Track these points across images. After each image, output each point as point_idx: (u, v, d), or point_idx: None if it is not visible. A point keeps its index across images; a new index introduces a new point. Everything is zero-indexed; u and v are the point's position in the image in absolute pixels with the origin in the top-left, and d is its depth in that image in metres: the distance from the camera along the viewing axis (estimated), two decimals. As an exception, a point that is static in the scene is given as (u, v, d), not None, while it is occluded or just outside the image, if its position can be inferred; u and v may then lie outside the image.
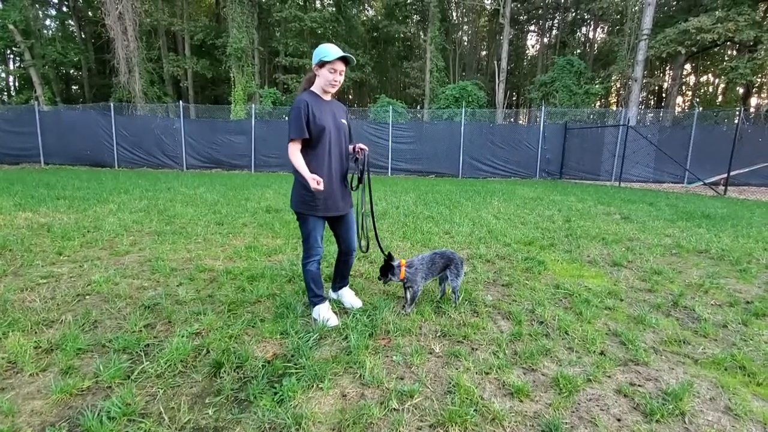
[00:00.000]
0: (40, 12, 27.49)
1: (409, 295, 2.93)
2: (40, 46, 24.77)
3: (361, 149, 2.71)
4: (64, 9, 28.82)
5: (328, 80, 2.50)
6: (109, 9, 19.70)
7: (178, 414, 1.76)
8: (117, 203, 7.18)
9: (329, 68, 2.47)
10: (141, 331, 2.49)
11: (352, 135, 2.80)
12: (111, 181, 11.02)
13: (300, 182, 2.54)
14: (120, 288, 3.20)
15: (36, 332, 2.46)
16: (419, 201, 8.62)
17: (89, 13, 28.23)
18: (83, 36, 29.13)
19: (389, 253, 2.85)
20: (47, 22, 29.50)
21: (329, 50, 2.44)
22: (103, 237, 4.78)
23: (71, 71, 31.41)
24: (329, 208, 2.61)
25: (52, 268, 3.68)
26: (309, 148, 2.53)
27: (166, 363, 2.12)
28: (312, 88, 2.59)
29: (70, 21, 29.25)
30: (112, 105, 17.34)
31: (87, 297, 3.04)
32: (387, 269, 2.84)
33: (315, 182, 2.37)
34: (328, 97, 2.63)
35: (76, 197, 7.68)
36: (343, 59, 2.47)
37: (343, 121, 2.68)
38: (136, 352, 2.24)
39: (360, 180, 2.76)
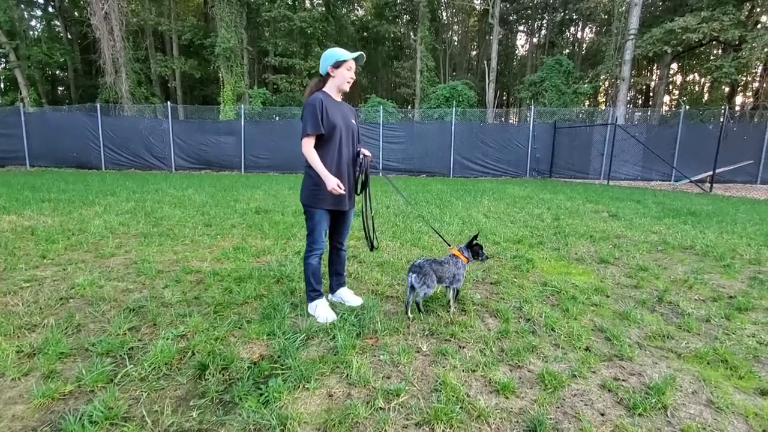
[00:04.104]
0: (25, 12, 27.04)
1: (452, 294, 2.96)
2: (26, 46, 24.38)
3: (365, 156, 2.79)
4: (50, 9, 28.39)
5: (345, 78, 2.63)
6: (94, 9, 19.43)
7: (162, 417, 1.73)
8: (103, 205, 7.08)
9: (347, 67, 2.62)
10: (125, 334, 2.46)
11: (360, 136, 2.90)
12: (97, 183, 10.87)
13: (311, 177, 2.63)
14: (104, 291, 3.16)
15: (18, 336, 2.42)
16: (410, 200, 8.63)
17: (75, 13, 27.85)
18: (69, 36, 28.68)
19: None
20: (32, 22, 29.05)
21: (342, 51, 2.61)
22: (88, 239, 4.71)
23: (57, 72, 30.92)
24: (337, 203, 2.69)
25: (36, 271, 3.62)
26: (321, 145, 2.61)
27: (150, 366, 2.09)
28: (325, 89, 2.68)
29: (55, 21, 28.83)
30: (98, 106, 17.10)
31: (70, 300, 2.99)
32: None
33: (334, 186, 2.49)
34: (339, 98, 2.74)
35: (61, 200, 7.56)
36: (355, 59, 2.64)
37: (353, 121, 2.78)
38: (120, 356, 2.21)
39: (364, 185, 2.84)
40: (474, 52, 40.67)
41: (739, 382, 2.10)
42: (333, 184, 2.50)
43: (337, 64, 2.60)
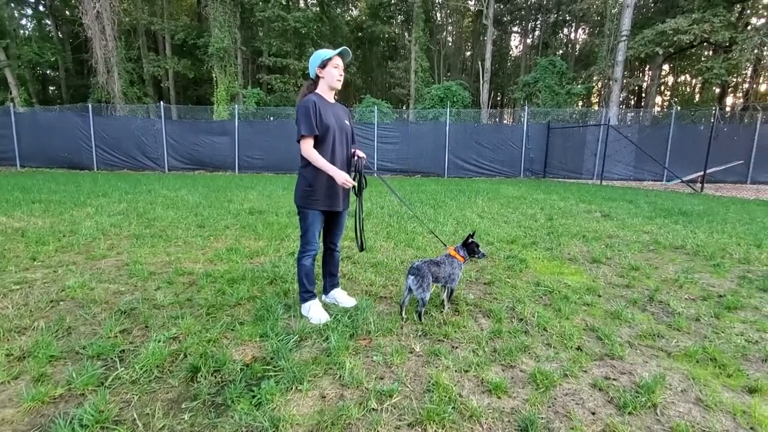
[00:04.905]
0: (15, 11, 26.75)
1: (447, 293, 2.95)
2: (16, 46, 24.13)
3: (359, 157, 2.80)
4: (41, 8, 28.10)
5: (335, 76, 2.65)
6: (86, 8, 19.27)
7: (153, 420, 1.72)
8: (95, 207, 7.02)
9: (333, 65, 2.62)
10: (116, 336, 2.44)
11: (354, 137, 2.90)
12: (89, 184, 10.77)
13: (305, 178, 2.66)
14: (95, 293, 3.13)
15: (8, 340, 2.39)
16: (404, 200, 8.63)
17: (66, 12, 27.55)
18: (60, 35, 28.42)
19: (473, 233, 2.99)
20: (23, 21, 28.77)
21: (326, 51, 2.63)
22: (80, 241, 4.67)
23: (48, 72, 30.62)
24: (329, 204, 2.70)
25: (26, 273, 3.58)
26: (314, 147, 2.61)
27: (141, 369, 2.08)
28: (317, 91, 2.71)
29: (46, 20, 28.54)
30: (90, 106, 16.96)
31: (61, 303, 2.96)
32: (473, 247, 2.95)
33: (345, 179, 2.53)
34: (331, 99, 2.75)
35: (52, 201, 7.49)
36: (340, 55, 2.65)
37: (346, 122, 2.79)
38: (111, 359, 2.20)
39: (359, 187, 2.84)
40: (468, 53, 40.80)
41: (728, 380, 2.13)
42: (342, 178, 2.53)
43: (323, 64, 2.62)
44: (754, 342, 2.56)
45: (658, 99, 32.48)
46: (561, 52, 34.42)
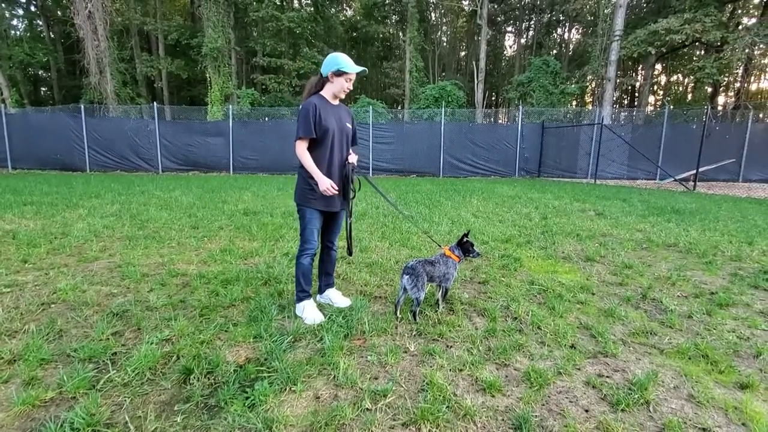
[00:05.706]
0: (6, 11, 26.49)
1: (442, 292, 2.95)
2: (7, 46, 23.92)
3: (349, 163, 2.80)
4: (32, 8, 27.85)
5: (343, 88, 2.70)
6: (78, 8, 19.12)
7: (145, 423, 1.71)
8: (87, 208, 6.96)
9: (346, 78, 2.66)
10: (108, 339, 2.42)
11: (356, 138, 2.94)
12: (81, 186, 10.68)
13: (303, 178, 2.70)
14: (87, 295, 3.10)
15: (-3, 343, 2.37)
16: (399, 201, 8.64)
17: (58, 12, 27.32)
18: (52, 36, 28.19)
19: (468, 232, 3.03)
20: (14, 21, 28.50)
21: (348, 62, 2.63)
22: (72, 243, 4.63)
23: (39, 72, 30.40)
24: (327, 204, 2.74)
25: (17, 276, 3.54)
26: (313, 148, 2.67)
27: (133, 371, 2.06)
28: (322, 93, 2.74)
29: (38, 20, 28.29)
30: (82, 107, 16.82)
31: (52, 305, 2.93)
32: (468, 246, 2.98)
33: (327, 187, 2.55)
34: (336, 102, 2.78)
35: (44, 203, 7.41)
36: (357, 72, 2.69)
37: (348, 124, 2.82)
38: (103, 361, 2.18)
39: (348, 193, 2.83)
40: (463, 53, 40.89)
41: (720, 377, 2.15)
42: (326, 185, 2.56)
43: (339, 73, 2.64)
44: (745, 338, 2.59)
45: (651, 98, 32.70)
46: (555, 51, 34.64)
